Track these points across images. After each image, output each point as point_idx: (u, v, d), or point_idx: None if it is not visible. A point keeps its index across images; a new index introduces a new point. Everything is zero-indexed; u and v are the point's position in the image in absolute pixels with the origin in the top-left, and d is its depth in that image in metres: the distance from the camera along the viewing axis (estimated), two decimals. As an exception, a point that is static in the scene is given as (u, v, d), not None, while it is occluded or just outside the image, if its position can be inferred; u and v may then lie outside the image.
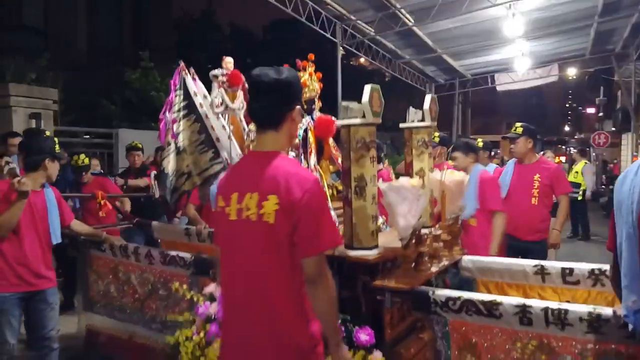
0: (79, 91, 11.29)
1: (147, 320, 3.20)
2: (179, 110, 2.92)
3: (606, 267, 2.38)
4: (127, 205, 5.05)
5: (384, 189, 2.34)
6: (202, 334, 2.26)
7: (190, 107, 2.93)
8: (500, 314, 1.96)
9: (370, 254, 2.29)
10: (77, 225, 3.37)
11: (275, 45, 23.53)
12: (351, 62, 23.88)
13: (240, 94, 2.94)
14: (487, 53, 12.71)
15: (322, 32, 9.69)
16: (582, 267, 2.49)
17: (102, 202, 4.18)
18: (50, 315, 2.98)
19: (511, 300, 2.00)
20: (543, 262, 2.60)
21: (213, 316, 2.27)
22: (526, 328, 1.92)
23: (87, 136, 9.17)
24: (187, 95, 2.93)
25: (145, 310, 3.21)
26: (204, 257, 2.89)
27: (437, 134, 4.62)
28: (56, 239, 3.05)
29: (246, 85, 2.83)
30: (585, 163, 10.12)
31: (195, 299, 2.50)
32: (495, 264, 2.71)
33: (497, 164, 6.31)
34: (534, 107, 39.72)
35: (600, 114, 24.18)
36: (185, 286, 2.77)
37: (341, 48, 10.34)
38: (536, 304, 1.92)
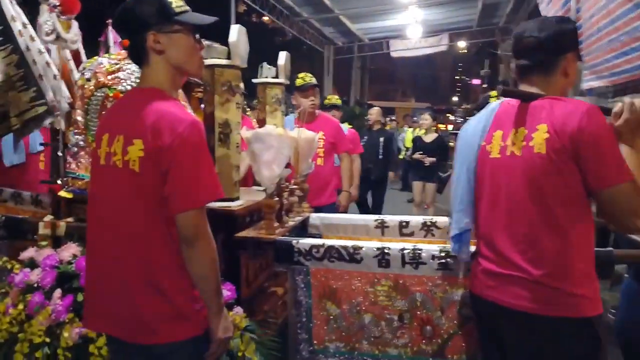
0: None
1: None
2: None
3: (436, 218, 2.55)
4: None
5: (248, 137, 2.20)
6: (20, 306, 1.92)
7: (6, 34, 2.39)
8: (361, 257, 1.96)
9: (235, 205, 2.17)
10: None
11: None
12: (253, 19, 23.13)
13: (74, 24, 2.46)
14: (383, 18, 12.97)
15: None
16: (416, 219, 2.62)
17: None
18: None
19: (371, 244, 2.02)
20: (383, 217, 2.68)
21: (36, 284, 1.94)
22: (384, 270, 1.95)
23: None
24: (3, 20, 2.39)
25: None
26: (19, 218, 2.51)
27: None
28: None
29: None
30: None
31: (9, 266, 2.10)
32: (340, 220, 2.76)
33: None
34: (427, 77, 41.63)
35: (485, 86, 26.02)
36: None
37: (243, 5, 9.83)
38: (394, 245, 1.97)
